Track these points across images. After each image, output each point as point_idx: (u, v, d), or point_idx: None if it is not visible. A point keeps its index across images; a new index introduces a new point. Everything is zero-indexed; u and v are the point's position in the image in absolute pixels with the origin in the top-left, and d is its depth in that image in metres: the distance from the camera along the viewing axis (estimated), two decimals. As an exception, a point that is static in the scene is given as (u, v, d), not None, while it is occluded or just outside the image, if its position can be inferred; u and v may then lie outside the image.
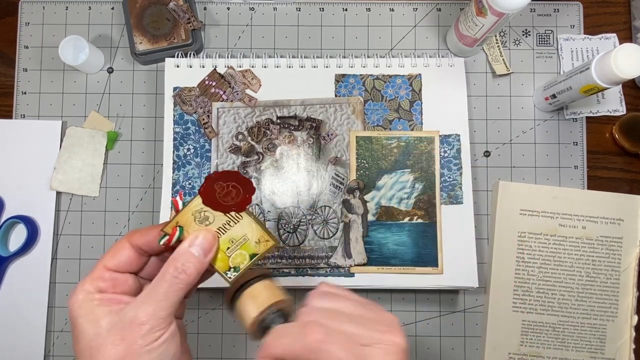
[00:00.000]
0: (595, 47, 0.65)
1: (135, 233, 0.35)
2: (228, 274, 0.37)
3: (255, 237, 0.38)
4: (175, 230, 0.36)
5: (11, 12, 0.66)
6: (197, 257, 0.34)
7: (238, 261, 0.37)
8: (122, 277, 0.35)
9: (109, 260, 0.35)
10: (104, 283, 0.34)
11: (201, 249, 0.35)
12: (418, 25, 0.66)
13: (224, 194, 0.36)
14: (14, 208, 0.62)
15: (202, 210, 0.36)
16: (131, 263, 0.35)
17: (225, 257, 0.37)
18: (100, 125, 0.64)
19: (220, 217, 0.37)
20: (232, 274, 0.37)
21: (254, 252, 0.38)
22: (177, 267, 0.34)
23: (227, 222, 0.37)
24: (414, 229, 0.60)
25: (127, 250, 0.35)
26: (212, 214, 0.37)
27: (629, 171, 0.65)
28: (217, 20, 0.66)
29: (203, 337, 0.62)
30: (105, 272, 0.35)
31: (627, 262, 0.61)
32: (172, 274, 0.33)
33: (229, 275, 0.37)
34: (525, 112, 0.65)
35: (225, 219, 0.37)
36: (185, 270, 0.34)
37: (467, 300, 0.62)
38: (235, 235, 0.38)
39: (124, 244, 0.35)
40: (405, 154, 0.61)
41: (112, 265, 0.35)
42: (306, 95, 0.62)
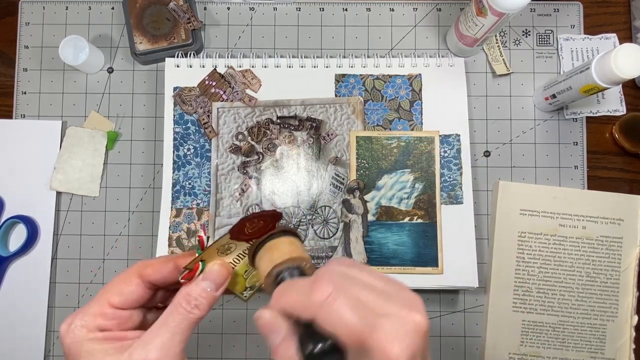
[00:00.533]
0: (595, 47, 0.65)
1: (147, 267, 0.32)
2: (244, 293, 0.38)
3: None
4: (198, 265, 0.34)
5: (11, 12, 0.66)
6: (209, 293, 0.33)
7: (254, 280, 0.38)
8: (127, 314, 0.32)
9: (114, 297, 0.32)
10: (107, 322, 0.31)
11: (214, 285, 0.33)
12: (418, 25, 0.66)
13: (252, 227, 0.36)
14: (14, 208, 0.62)
15: (227, 244, 0.36)
16: (140, 299, 0.33)
17: (243, 280, 0.38)
18: (100, 125, 0.64)
19: (241, 245, 0.37)
20: (248, 293, 0.38)
21: None
22: (189, 302, 0.32)
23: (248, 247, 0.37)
24: (414, 229, 0.60)
25: (137, 286, 0.32)
26: (235, 244, 0.36)
27: (629, 171, 0.65)
28: (217, 20, 0.66)
29: (203, 337, 0.62)
30: (108, 309, 0.31)
31: (627, 262, 0.61)
32: (185, 309, 0.32)
33: (245, 295, 0.38)
34: (525, 112, 0.65)
35: (245, 245, 0.37)
36: (199, 306, 0.32)
37: (467, 300, 0.62)
38: None
39: (133, 278, 0.32)
40: (405, 154, 0.61)
41: (118, 302, 0.32)
42: (306, 95, 0.62)
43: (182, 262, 0.33)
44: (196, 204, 0.60)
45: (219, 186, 0.61)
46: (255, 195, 0.60)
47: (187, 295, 0.32)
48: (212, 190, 0.60)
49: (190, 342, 0.61)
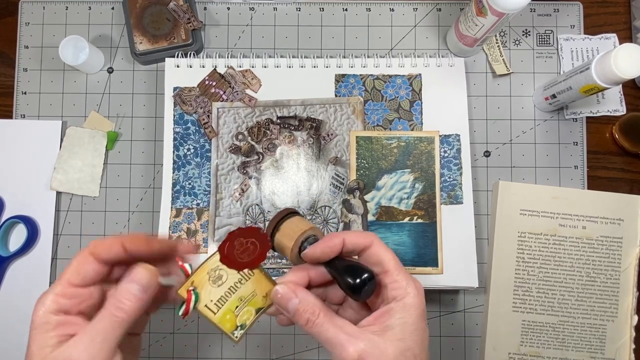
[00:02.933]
0: (595, 47, 0.65)
1: (97, 247, 0.35)
2: (235, 333, 0.38)
3: (263, 292, 0.39)
4: (190, 295, 0.36)
5: (11, 12, 0.66)
6: (135, 295, 0.34)
7: (245, 318, 0.38)
8: (86, 291, 0.35)
9: (73, 276, 0.34)
10: (67, 301, 0.34)
11: (140, 286, 0.34)
12: (418, 25, 0.66)
13: (242, 250, 0.37)
14: (14, 208, 0.62)
15: (217, 269, 0.37)
16: (95, 277, 0.35)
17: (233, 316, 0.38)
18: (100, 125, 0.64)
19: (233, 275, 0.37)
20: (239, 332, 0.38)
21: (259, 307, 0.39)
22: (116, 306, 0.34)
23: (240, 279, 0.38)
24: (414, 229, 0.60)
25: (91, 264, 0.35)
26: (226, 272, 0.37)
27: (629, 171, 0.65)
28: (217, 20, 0.66)
29: (203, 337, 0.62)
30: (68, 289, 0.34)
31: (627, 262, 0.61)
32: (111, 312, 0.33)
33: (236, 335, 0.38)
34: (525, 112, 0.65)
35: (238, 277, 0.38)
36: (123, 308, 0.34)
37: (467, 300, 0.62)
38: (245, 293, 0.38)
39: (87, 257, 0.35)
40: (405, 154, 0.61)
41: (77, 280, 0.34)
42: (306, 95, 0.62)
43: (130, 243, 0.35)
44: (196, 204, 0.60)
45: (219, 186, 0.61)
46: (255, 195, 0.60)
47: (112, 297, 0.34)
48: (212, 191, 0.60)
49: (190, 342, 0.62)
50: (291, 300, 0.37)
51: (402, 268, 0.37)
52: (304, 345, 0.62)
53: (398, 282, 0.37)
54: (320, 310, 0.36)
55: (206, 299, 0.37)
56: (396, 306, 0.36)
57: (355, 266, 0.37)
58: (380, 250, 0.38)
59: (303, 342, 0.62)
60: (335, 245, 0.38)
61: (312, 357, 0.62)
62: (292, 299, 0.36)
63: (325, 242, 0.38)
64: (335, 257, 0.38)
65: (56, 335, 0.33)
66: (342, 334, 0.35)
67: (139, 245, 0.36)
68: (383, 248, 0.38)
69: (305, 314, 0.36)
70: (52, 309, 0.33)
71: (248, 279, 0.38)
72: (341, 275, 0.37)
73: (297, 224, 0.40)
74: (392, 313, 0.36)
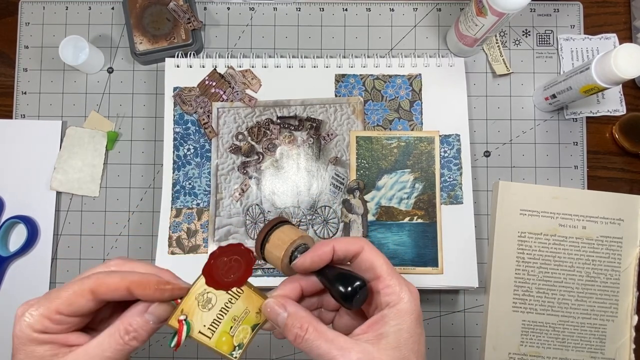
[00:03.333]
0: (595, 47, 0.65)
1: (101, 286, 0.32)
2: (234, 353, 0.37)
3: (255, 308, 0.38)
4: (181, 325, 0.35)
5: (11, 12, 0.66)
6: (151, 326, 0.34)
7: (241, 337, 0.37)
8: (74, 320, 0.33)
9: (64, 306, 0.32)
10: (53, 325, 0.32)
11: (157, 317, 0.34)
12: (418, 25, 0.66)
13: (226, 269, 0.35)
14: (14, 208, 0.62)
15: (205, 292, 0.36)
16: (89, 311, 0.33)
17: (229, 337, 0.37)
18: (100, 125, 0.64)
19: (222, 296, 0.36)
20: (237, 353, 0.37)
21: (255, 323, 0.38)
22: (128, 331, 0.32)
23: (229, 299, 0.37)
24: (414, 229, 0.60)
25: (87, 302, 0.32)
26: (215, 295, 0.36)
27: (629, 171, 0.65)
28: (217, 20, 0.66)
29: (203, 337, 0.62)
30: (55, 315, 0.31)
31: (627, 262, 0.61)
32: (123, 338, 0.32)
33: (235, 355, 0.37)
34: (525, 112, 0.65)
35: (227, 297, 0.37)
36: (137, 338, 0.33)
37: (467, 300, 0.62)
38: (237, 312, 0.37)
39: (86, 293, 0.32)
40: (405, 154, 0.61)
41: (67, 312, 0.32)
42: (306, 95, 0.62)
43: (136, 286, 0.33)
44: (196, 204, 0.60)
45: (219, 186, 0.61)
46: (255, 195, 0.60)
47: (128, 325, 0.33)
48: (212, 191, 0.60)
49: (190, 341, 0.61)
50: (280, 314, 0.35)
51: (395, 272, 0.37)
52: (304, 345, 0.62)
53: (391, 287, 0.36)
54: (309, 324, 0.34)
55: (199, 325, 0.36)
56: (390, 313, 0.35)
57: (346, 274, 0.36)
58: (371, 255, 0.37)
59: (303, 342, 0.62)
60: (325, 253, 0.37)
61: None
62: (281, 313, 0.35)
63: (315, 251, 0.37)
64: (326, 266, 0.38)
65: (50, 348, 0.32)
66: (334, 349, 0.33)
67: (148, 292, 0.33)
68: (374, 253, 0.37)
69: (293, 329, 0.35)
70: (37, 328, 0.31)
71: (238, 297, 0.37)
72: (332, 284, 0.36)
73: (286, 234, 0.40)
74: (386, 320, 0.35)
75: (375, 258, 0.37)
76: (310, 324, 0.35)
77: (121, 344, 0.32)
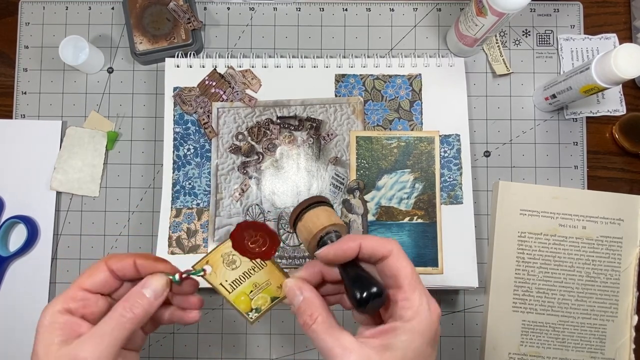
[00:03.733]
0: (595, 47, 0.65)
1: (111, 258, 0.37)
2: (250, 314, 0.41)
3: (277, 283, 0.41)
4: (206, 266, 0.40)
5: (11, 12, 0.66)
6: (148, 299, 0.36)
7: (260, 303, 0.41)
8: (94, 297, 0.37)
9: (84, 281, 0.36)
10: (75, 303, 0.36)
11: (153, 292, 0.36)
12: (418, 25, 0.66)
13: (252, 241, 0.40)
14: (14, 208, 0.62)
15: (230, 254, 0.40)
16: (105, 285, 0.37)
17: (247, 299, 0.41)
18: (100, 125, 0.64)
19: (246, 262, 0.40)
20: (254, 315, 0.41)
21: (275, 296, 0.41)
22: (125, 307, 0.35)
23: (253, 267, 0.41)
24: (414, 229, 0.60)
25: (104, 273, 0.37)
26: (240, 259, 0.40)
27: (629, 171, 0.65)
28: (217, 20, 0.66)
29: (203, 337, 0.62)
30: (78, 292, 0.36)
31: (627, 262, 0.61)
32: (119, 313, 0.35)
33: (251, 316, 0.41)
34: (525, 112, 0.65)
35: (251, 264, 0.41)
36: (133, 310, 0.35)
37: (467, 300, 0.62)
38: (259, 280, 0.41)
39: (101, 266, 0.37)
40: (405, 154, 0.61)
41: (88, 285, 0.36)
42: (306, 95, 0.62)
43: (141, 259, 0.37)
44: (196, 204, 0.60)
45: (219, 186, 0.61)
46: (255, 195, 0.60)
47: (124, 299, 0.36)
48: (212, 191, 0.60)
49: (190, 342, 0.62)
50: (297, 296, 0.36)
51: (418, 285, 0.35)
52: (304, 345, 0.62)
53: (409, 301, 0.34)
54: (319, 315, 0.35)
55: (221, 278, 0.40)
56: (402, 327, 0.34)
57: (365, 278, 0.36)
58: (397, 262, 0.35)
59: (303, 342, 0.62)
60: (350, 249, 0.36)
61: (312, 357, 0.62)
62: (297, 295, 0.36)
63: (340, 245, 0.37)
64: (350, 262, 0.37)
65: (62, 334, 0.34)
66: (337, 347, 0.33)
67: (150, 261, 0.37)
68: (401, 260, 0.36)
69: (304, 315, 0.35)
70: (59, 308, 0.35)
71: (261, 269, 0.41)
72: (349, 284, 0.36)
73: (319, 217, 0.40)
74: (397, 333, 0.34)
75: (401, 266, 0.35)
76: (320, 314, 0.35)
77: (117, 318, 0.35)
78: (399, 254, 0.36)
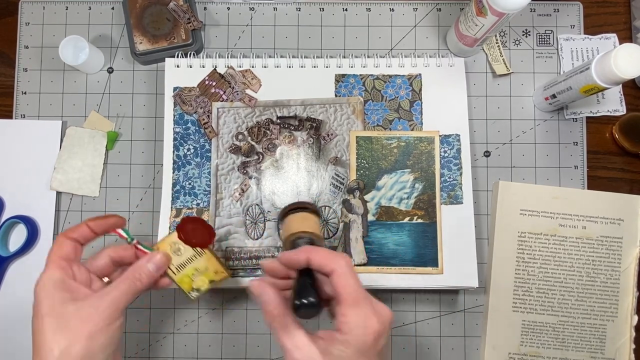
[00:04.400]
0: (595, 47, 0.65)
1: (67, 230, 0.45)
2: (192, 293, 0.50)
3: (213, 269, 0.51)
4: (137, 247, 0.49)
5: (11, 12, 0.66)
6: (150, 271, 0.46)
7: (199, 284, 0.50)
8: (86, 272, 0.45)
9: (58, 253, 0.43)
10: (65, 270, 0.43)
11: (155, 266, 0.46)
12: (418, 25, 0.66)
13: (192, 233, 0.50)
14: (14, 208, 0.62)
15: (176, 243, 0.49)
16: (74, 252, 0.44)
17: (190, 280, 0.50)
18: (100, 125, 0.64)
19: (188, 250, 0.50)
20: (195, 294, 0.50)
21: (212, 279, 0.51)
22: (135, 275, 0.45)
23: (194, 255, 0.50)
24: (414, 229, 0.60)
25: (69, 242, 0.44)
26: (183, 247, 0.50)
27: (629, 171, 0.65)
28: (217, 20, 0.66)
29: (203, 337, 0.62)
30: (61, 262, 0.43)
31: (627, 262, 0.61)
32: (131, 279, 0.44)
33: (192, 295, 0.50)
34: (525, 112, 0.65)
35: (192, 252, 0.50)
36: (141, 279, 0.45)
37: (467, 300, 0.62)
38: (199, 266, 0.50)
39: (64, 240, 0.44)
40: (405, 154, 0.61)
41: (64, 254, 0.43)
42: (306, 95, 0.62)
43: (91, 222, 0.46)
44: (196, 204, 0.60)
45: (219, 186, 0.61)
46: (255, 195, 0.60)
47: (134, 269, 0.45)
48: (212, 191, 0.60)
49: (190, 342, 0.62)
50: (260, 295, 0.40)
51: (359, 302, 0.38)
52: (304, 345, 0.62)
53: (346, 317, 0.37)
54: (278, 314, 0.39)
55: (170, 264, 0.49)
56: (339, 338, 0.37)
57: (306, 287, 0.39)
58: (339, 280, 0.38)
59: (303, 342, 0.62)
60: (298, 260, 0.41)
61: (312, 357, 0.62)
62: (261, 295, 0.40)
63: (290, 255, 0.41)
64: (305, 269, 0.41)
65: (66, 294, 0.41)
66: (289, 343, 0.38)
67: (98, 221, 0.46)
68: (343, 278, 0.38)
69: (265, 314, 0.40)
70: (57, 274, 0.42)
71: (200, 256, 0.50)
72: (293, 288, 0.40)
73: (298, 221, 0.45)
74: (334, 342, 0.37)
75: (342, 284, 0.38)
76: (279, 314, 0.39)
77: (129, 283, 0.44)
78: (342, 271, 0.39)
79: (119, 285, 0.43)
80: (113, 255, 0.46)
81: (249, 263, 0.59)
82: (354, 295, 0.38)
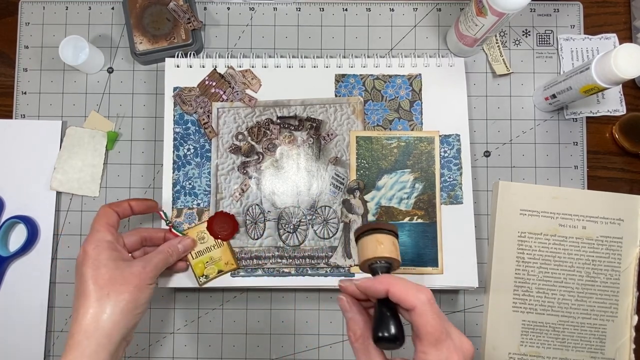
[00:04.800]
0: (595, 47, 0.65)
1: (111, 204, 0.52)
2: (201, 279, 0.57)
3: (225, 260, 0.58)
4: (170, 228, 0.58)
5: (11, 12, 0.66)
6: (179, 251, 0.55)
7: (209, 272, 0.57)
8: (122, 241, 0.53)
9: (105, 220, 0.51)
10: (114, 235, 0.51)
11: (183, 247, 0.56)
12: (418, 25, 0.66)
13: (219, 225, 0.58)
14: (14, 208, 0.62)
15: (203, 232, 0.58)
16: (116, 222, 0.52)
17: (203, 266, 0.57)
18: (100, 125, 0.64)
19: (210, 240, 0.58)
20: (203, 279, 0.57)
21: (221, 269, 0.57)
22: (168, 250, 0.53)
23: (214, 245, 0.58)
24: (414, 229, 0.60)
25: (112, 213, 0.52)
26: (207, 237, 0.58)
27: (629, 171, 0.65)
28: (217, 20, 0.66)
29: (203, 337, 0.62)
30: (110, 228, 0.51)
31: (627, 262, 0.61)
32: (165, 253, 0.53)
33: (201, 280, 0.57)
34: (525, 112, 0.65)
35: (213, 242, 0.58)
36: (172, 255, 0.54)
37: (467, 300, 0.62)
38: (215, 255, 0.58)
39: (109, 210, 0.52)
40: (405, 154, 0.61)
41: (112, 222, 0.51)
42: (306, 95, 0.62)
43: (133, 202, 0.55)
44: (196, 204, 0.60)
45: (219, 186, 0.61)
46: (255, 195, 0.60)
47: (168, 245, 0.54)
48: (212, 191, 0.60)
49: (190, 342, 0.62)
50: (346, 311, 0.41)
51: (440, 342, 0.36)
52: (304, 345, 0.62)
53: (426, 354, 0.36)
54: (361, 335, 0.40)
55: None
56: None
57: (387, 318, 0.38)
58: (420, 318, 0.37)
59: (303, 342, 0.62)
60: (377, 292, 0.39)
61: (312, 357, 0.62)
62: (347, 311, 0.41)
63: (369, 284, 0.40)
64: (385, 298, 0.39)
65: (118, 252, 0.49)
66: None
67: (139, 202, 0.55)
68: (424, 316, 0.36)
69: (349, 331, 0.41)
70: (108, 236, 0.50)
71: (219, 247, 0.58)
72: (374, 318, 0.39)
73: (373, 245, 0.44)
74: None
75: (423, 323, 0.36)
76: (362, 335, 0.40)
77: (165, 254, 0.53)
78: (423, 309, 0.37)
79: (158, 255, 0.51)
80: (144, 235, 0.55)
81: (250, 263, 0.59)
82: (436, 335, 0.36)
